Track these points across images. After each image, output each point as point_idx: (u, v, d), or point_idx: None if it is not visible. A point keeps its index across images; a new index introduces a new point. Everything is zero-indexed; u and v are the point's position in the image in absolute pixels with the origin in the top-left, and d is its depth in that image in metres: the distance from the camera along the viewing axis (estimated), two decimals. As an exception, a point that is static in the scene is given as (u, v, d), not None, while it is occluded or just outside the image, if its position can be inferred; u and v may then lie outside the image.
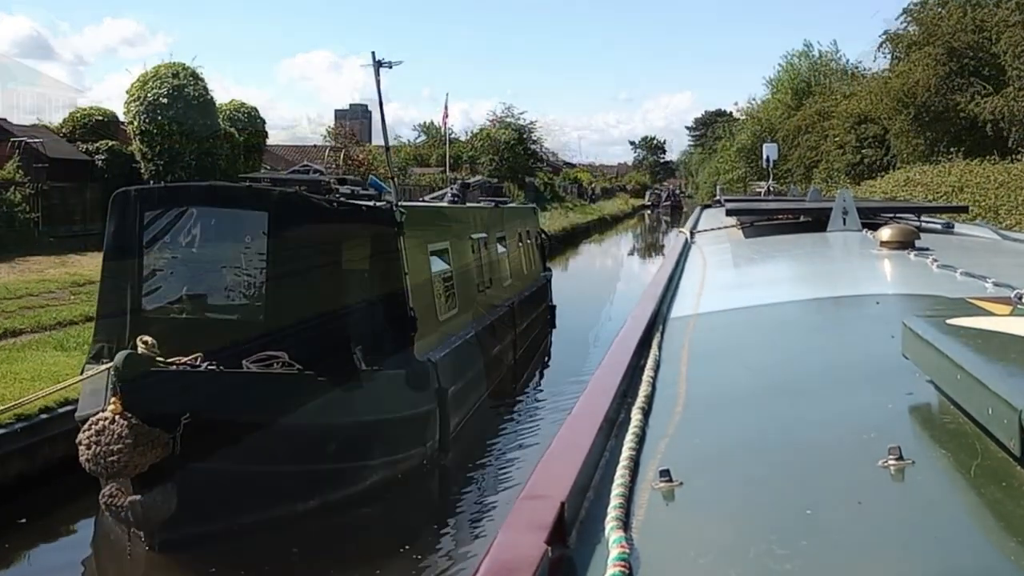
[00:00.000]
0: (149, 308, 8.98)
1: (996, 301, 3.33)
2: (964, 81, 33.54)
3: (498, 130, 63.49)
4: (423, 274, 10.57)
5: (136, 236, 9.10)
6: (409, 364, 9.25)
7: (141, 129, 29.80)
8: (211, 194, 9.56)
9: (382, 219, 9.51)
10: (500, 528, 1.77)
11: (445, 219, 13.28)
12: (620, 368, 2.95)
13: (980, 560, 1.48)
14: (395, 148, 64.69)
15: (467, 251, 13.26)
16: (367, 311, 9.48)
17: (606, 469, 2.11)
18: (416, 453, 9.55)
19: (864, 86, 44.64)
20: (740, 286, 5.57)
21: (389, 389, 9.03)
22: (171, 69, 30.47)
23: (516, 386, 14.83)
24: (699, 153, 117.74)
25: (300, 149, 52.55)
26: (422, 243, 10.85)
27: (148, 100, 29.71)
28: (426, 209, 14.13)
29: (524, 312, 16.34)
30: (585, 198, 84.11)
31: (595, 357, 13.71)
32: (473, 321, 12.51)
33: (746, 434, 2.37)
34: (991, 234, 8.68)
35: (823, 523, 1.66)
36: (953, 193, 25.77)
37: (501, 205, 18.46)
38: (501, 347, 14.01)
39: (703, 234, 9.34)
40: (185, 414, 7.33)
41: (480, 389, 12.36)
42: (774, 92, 61.78)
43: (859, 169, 40.46)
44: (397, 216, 9.58)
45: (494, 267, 15.00)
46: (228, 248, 9.16)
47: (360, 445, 8.71)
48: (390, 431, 9.01)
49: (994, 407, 1.71)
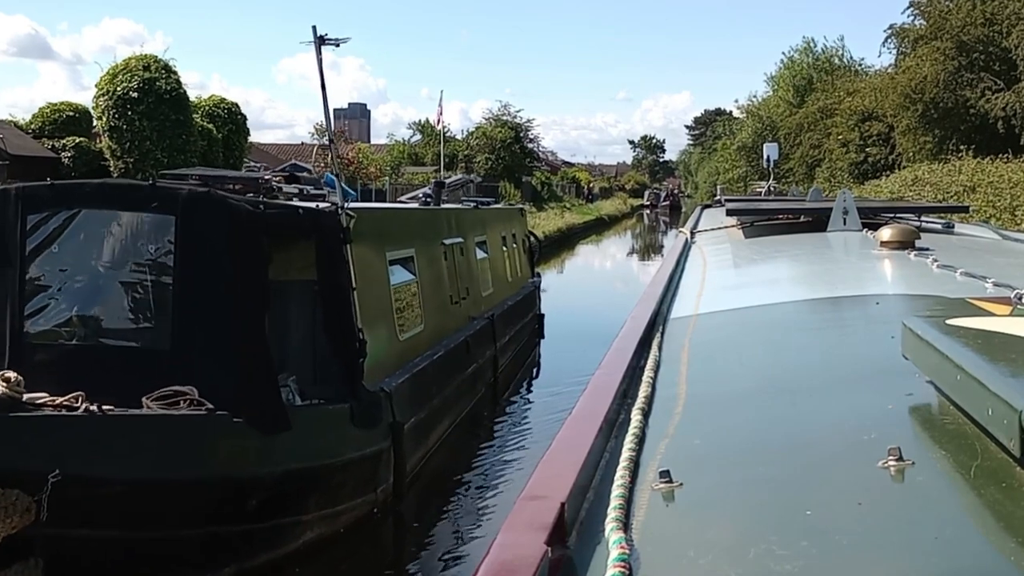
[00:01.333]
0: (33, 332, 7.58)
1: (996, 301, 3.37)
2: (974, 76, 32.92)
3: (494, 128, 63.38)
4: (379, 287, 9.29)
5: (16, 245, 7.66)
6: (356, 396, 7.92)
7: (110, 125, 28.92)
8: (106, 194, 8.04)
9: (323, 224, 8.11)
10: (500, 528, 1.79)
11: (410, 223, 11.76)
12: (620, 368, 2.99)
13: (980, 560, 1.50)
14: (389, 146, 64.77)
15: (438, 258, 11.95)
16: (303, 334, 8.45)
17: (606, 470, 2.14)
18: (364, 501, 8.21)
19: (868, 83, 44.26)
20: (740, 286, 5.61)
21: (329, 428, 7.82)
22: (142, 62, 29.48)
23: (496, 407, 13.50)
24: (698, 152, 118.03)
25: (291, 148, 52.51)
26: (378, 251, 9.55)
27: (117, 94, 28.72)
28: (386, 212, 12.67)
29: (507, 323, 15.08)
30: (582, 197, 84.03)
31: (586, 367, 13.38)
32: (444, 338, 11.18)
33: (746, 434, 2.40)
34: (991, 234, 8.74)
35: (823, 523, 1.68)
36: (965, 193, 25.16)
37: (483, 206, 17.24)
38: (478, 365, 12.63)
39: (703, 234, 9.39)
40: (54, 471, 6.01)
41: (449, 416, 11.01)
42: (775, 89, 61.71)
43: (863, 168, 39.99)
44: (343, 220, 8.22)
45: (472, 275, 13.70)
46: (128, 260, 7.67)
47: (290, 498, 7.41)
48: (330, 478, 7.76)
49: (994, 407, 1.74)
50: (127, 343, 7.55)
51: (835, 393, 2.68)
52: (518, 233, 18.79)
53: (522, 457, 10.82)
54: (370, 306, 8.64)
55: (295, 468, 7.29)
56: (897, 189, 29.73)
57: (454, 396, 11.11)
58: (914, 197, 25.45)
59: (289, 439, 7.15)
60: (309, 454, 7.43)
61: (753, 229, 9.04)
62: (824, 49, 57.49)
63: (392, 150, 61.91)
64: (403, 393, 8.85)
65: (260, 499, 7.13)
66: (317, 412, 7.77)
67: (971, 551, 1.54)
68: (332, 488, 7.80)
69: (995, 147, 29.66)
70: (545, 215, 53.77)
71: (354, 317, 8.03)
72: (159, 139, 28.78)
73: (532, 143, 68.34)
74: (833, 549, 1.58)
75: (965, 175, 27.04)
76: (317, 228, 8.05)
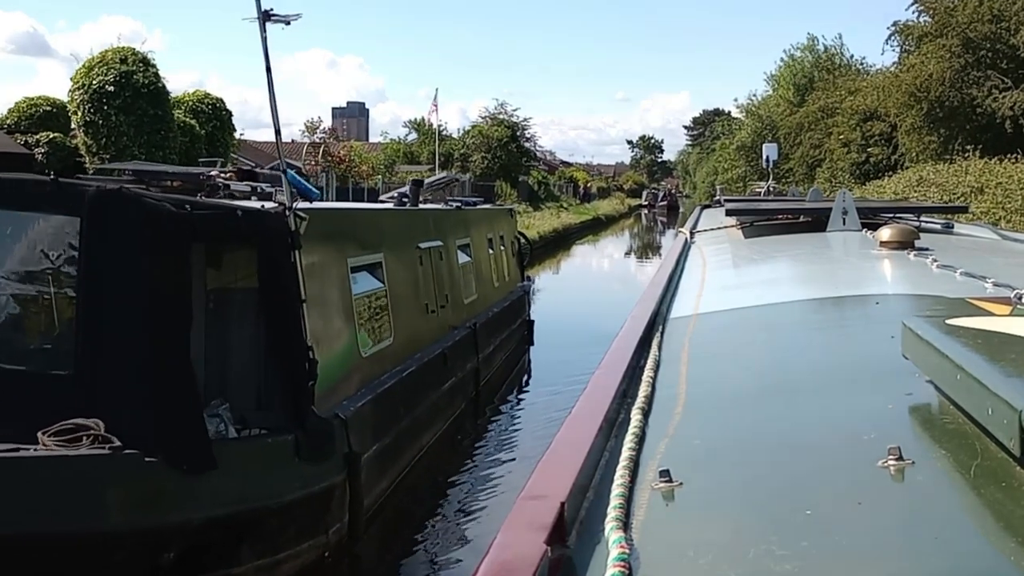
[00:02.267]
0: None
1: (996, 301, 3.40)
2: (981, 74, 32.07)
3: (490, 127, 63.31)
4: (337, 297, 8.31)
5: None
6: (303, 424, 6.91)
7: (86, 120, 27.97)
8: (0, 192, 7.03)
9: (267, 227, 7.09)
10: (500, 528, 1.81)
11: (378, 225, 10.65)
12: (620, 368, 3.01)
13: (980, 560, 1.52)
14: (383, 145, 64.66)
15: (411, 264, 10.99)
16: (244, 353, 7.45)
17: (606, 469, 2.16)
18: (312, 545, 7.22)
19: (870, 82, 43.87)
20: (740, 286, 5.64)
21: (268, 463, 6.79)
22: (119, 54, 28.38)
23: (478, 423, 12.58)
24: (696, 153, 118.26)
25: (287, 146, 52.37)
26: (338, 257, 8.56)
27: (93, 88, 27.72)
28: (348, 213, 11.40)
29: (492, 332, 14.28)
30: (578, 197, 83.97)
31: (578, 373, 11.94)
32: (418, 351, 10.24)
33: (746, 434, 2.42)
34: (991, 234, 8.80)
35: (823, 523, 1.70)
36: (972, 194, 24.59)
37: (468, 206, 16.31)
38: (457, 379, 11.68)
39: (703, 234, 9.43)
40: None
41: (420, 440, 9.99)
42: (776, 88, 61.64)
43: (864, 168, 39.62)
44: (291, 222, 7.21)
45: (453, 281, 12.81)
46: (25, 268, 6.74)
47: (217, 548, 6.47)
48: (267, 522, 6.74)
49: (994, 407, 1.76)
50: (20, 366, 6.50)
51: (835, 393, 2.71)
52: (506, 235, 18.04)
53: (501, 482, 9.90)
54: (325, 319, 7.85)
55: (223, 513, 6.33)
56: (901, 190, 29.01)
57: (427, 416, 10.19)
58: (919, 198, 24.84)
59: (216, 479, 6.21)
60: (241, 495, 6.48)
61: (753, 229, 9.08)
62: (825, 48, 57.39)
63: (386, 148, 61.80)
64: (363, 418, 7.95)
65: (179, 552, 6.16)
66: (253, 446, 6.82)
67: (971, 551, 1.55)
68: (271, 533, 6.81)
69: (1003, 147, 28.92)
70: (540, 215, 53.73)
71: (303, 333, 7.05)
72: (136, 135, 27.79)
73: (529, 142, 68.31)
74: (833, 549, 1.59)
75: (972, 176, 26.42)
76: (259, 231, 7.03)
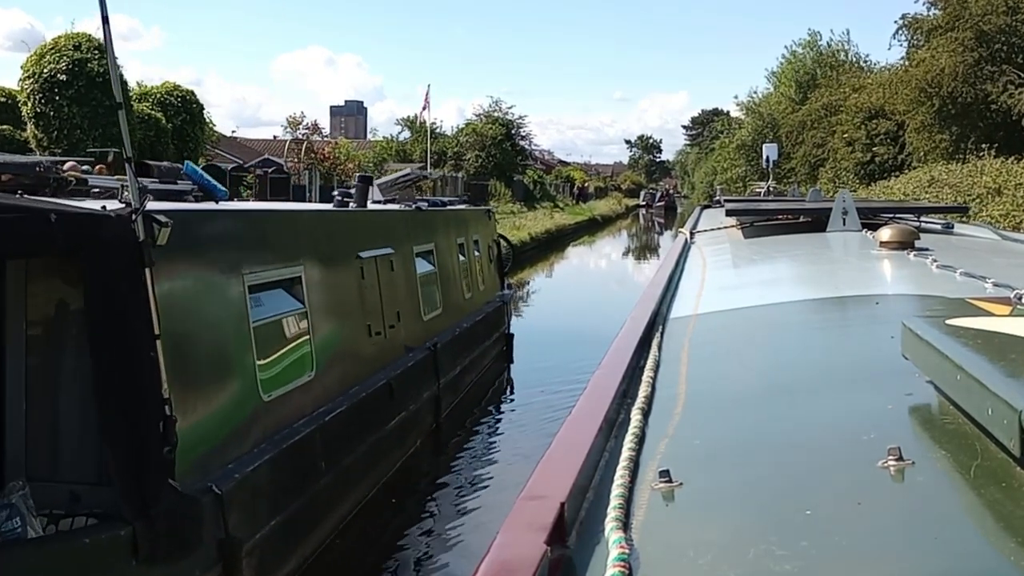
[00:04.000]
0: None
1: (996, 301, 3.44)
2: (995, 69, 31.40)
3: (485, 125, 63.11)
4: (225, 326, 6.50)
5: None
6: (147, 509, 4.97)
7: (36, 111, 26.56)
8: None
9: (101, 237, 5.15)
10: (500, 528, 1.84)
11: (294, 231, 8.39)
12: (620, 368, 3.05)
13: (980, 560, 1.54)
14: (374, 142, 64.44)
15: (347, 278, 9.04)
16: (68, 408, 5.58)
17: (606, 469, 2.19)
18: None
19: (876, 78, 43.06)
20: (740, 287, 5.69)
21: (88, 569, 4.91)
22: (72, 40, 26.72)
23: (438, 462, 10.72)
24: (695, 153, 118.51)
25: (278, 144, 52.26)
26: (228, 273, 6.66)
27: (44, 77, 26.21)
28: (246, 217, 8.29)
29: (458, 352, 12.36)
30: (573, 197, 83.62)
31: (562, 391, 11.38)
32: (353, 385, 8.42)
33: (746, 434, 2.46)
34: (991, 234, 8.87)
35: (823, 523, 1.73)
36: (989, 196, 23.86)
37: (433, 207, 13.90)
38: (408, 413, 9.81)
39: (703, 234, 9.48)
40: None
41: (349, 499, 8.09)
42: (777, 85, 61.49)
43: (869, 168, 39.21)
44: (138, 230, 5.17)
45: (409, 295, 10.91)
46: None
47: None
48: None
49: (994, 407, 1.79)
50: None
51: (835, 393, 2.74)
52: (482, 239, 15.97)
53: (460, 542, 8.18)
54: (198, 358, 6.05)
55: None
56: (911, 191, 27.74)
57: (362, 465, 8.31)
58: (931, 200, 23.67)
59: None
60: None
61: (752, 229, 9.15)
62: (829, 43, 57.09)
63: (376, 146, 61.56)
64: (253, 487, 6.15)
65: None
66: (61, 548, 4.99)
67: (971, 551, 1.58)
68: None
69: (1018, 146, 28.52)
70: (533, 215, 53.44)
71: (155, 379, 5.16)
72: (91, 127, 26.00)
73: (524, 141, 68.11)
74: (833, 549, 1.62)
75: (989, 176, 25.46)
76: (86, 242, 5.15)
